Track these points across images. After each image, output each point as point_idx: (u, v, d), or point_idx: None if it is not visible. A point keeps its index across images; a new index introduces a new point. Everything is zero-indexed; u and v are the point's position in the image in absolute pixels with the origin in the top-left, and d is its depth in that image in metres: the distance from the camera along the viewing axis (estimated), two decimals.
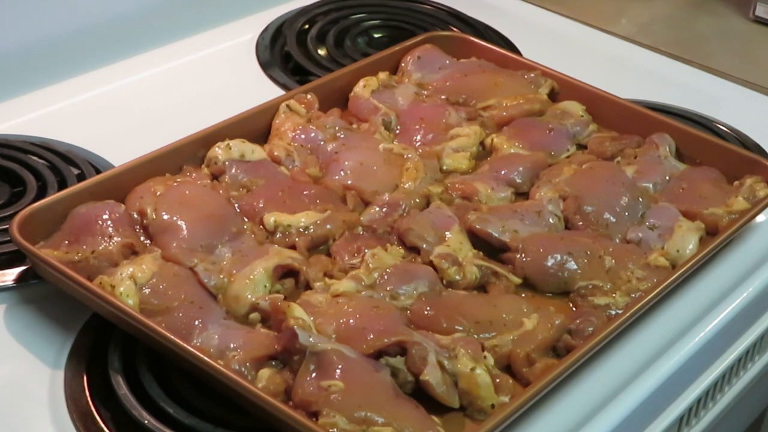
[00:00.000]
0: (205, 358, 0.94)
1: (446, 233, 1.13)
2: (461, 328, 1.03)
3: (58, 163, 1.25)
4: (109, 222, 1.09)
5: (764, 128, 1.43)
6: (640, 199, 1.22)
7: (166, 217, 1.10)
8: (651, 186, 1.24)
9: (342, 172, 1.21)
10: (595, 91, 1.37)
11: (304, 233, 1.12)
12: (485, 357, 0.99)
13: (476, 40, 1.48)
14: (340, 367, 0.94)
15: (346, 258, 1.10)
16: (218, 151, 1.20)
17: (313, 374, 0.94)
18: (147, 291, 1.02)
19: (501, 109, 1.36)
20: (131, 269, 1.03)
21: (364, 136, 1.28)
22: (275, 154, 1.23)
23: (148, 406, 0.96)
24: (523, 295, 1.11)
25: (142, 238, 1.10)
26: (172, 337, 0.95)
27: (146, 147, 1.18)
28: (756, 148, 1.39)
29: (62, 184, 1.21)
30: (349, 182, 1.20)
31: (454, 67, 1.42)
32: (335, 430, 0.90)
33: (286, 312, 0.98)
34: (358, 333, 0.99)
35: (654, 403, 1.06)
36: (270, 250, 1.09)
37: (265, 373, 0.96)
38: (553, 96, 1.40)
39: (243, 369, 0.96)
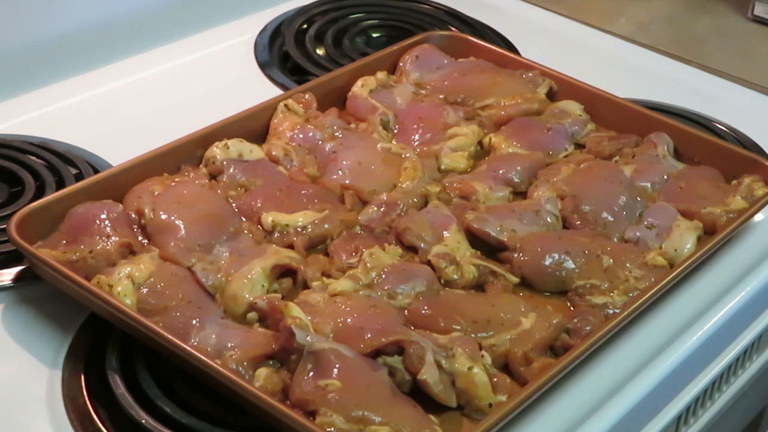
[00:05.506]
0: (203, 358, 0.94)
1: (444, 233, 1.13)
2: (459, 328, 1.03)
3: (57, 163, 1.25)
4: (106, 222, 1.09)
5: (762, 127, 1.43)
6: (638, 199, 1.22)
7: (163, 216, 1.10)
8: (649, 185, 1.24)
9: (340, 172, 1.21)
10: (594, 91, 1.37)
11: (302, 233, 1.12)
12: (483, 356, 0.99)
13: (474, 39, 1.48)
14: (337, 366, 0.94)
15: (344, 257, 1.10)
16: (216, 150, 1.20)
17: (311, 373, 0.94)
18: (145, 290, 1.02)
19: (499, 108, 1.36)
20: (129, 269, 1.03)
21: (362, 135, 1.28)
22: (273, 153, 1.23)
23: (145, 406, 0.96)
24: (521, 294, 1.11)
25: (139, 238, 1.10)
26: (169, 336, 0.95)
27: (144, 147, 1.19)
28: (754, 147, 1.39)
29: (60, 184, 1.21)
30: (347, 182, 1.20)
31: (453, 67, 1.42)
32: (332, 429, 0.90)
33: (284, 311, 0.98)
34: (356, 332, 0.99)
35: (652, 401, 1.06)
36: (268, 250, 1.09)
37: (262, 372, 0.96)
38: (552, 95, 1.40)
39: (240, 368, 0.96)
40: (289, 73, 1.49)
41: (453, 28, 1.59)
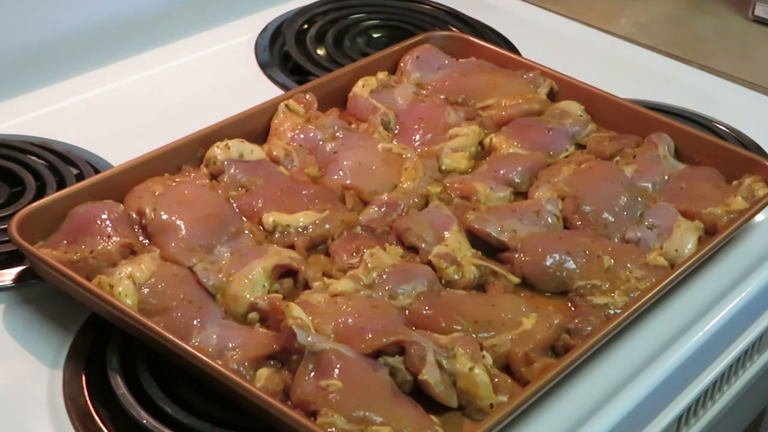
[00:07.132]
0: (204, 358, 0.94)
1: (445, 233, 1.13)
2: (460, 328, 1.03)
3: (57, 163, 1.25)
4: (107, 222, 1.09)
5: (763, 128, 1.43)
6: (639, 199, 1.22)
7: (164, 216, 1.10)
8: (650, 185, 1.24)
9: (341, 172, 1.21)
10: (594, 91, 1.37)
11: (303, 233, 1.12)
12: (484, 356, 0.99)
13: (475, 39, 1.48)
14: (338, 366, 0.94)
15: (345, 258, 1.10)
16: (217, 150, 1.20)
17: (312, 374, 0.94)
18: (146, 291, 1.02)
19: (500, 108, 1.36)
20: (130, 269, 1.03)
21: (363, 135, 1.28)
22: (274, 153, 1.23)
23: (146, 406, 0.96)
24: (522, 294, 1.11)
25: (140, 238, 1.10)
26: (170, 336, 0.95)
27: (145, 147, 1.19)
28: (755, 147, 1.39)
29: (61, 184, 1.21)
30: (348, 182, 1.20)
31: (453, 67, 1.42)
32: (333, 429, 0.90)
33: (285, 312, 0.98)
34: (357, 332, 0.99)
35: (653, 402, 1.06)
36: (269, 250, 1.09)
37: (263, 372, 0.96)
38: (552, 96, 1.40)
39: (241, 368, 0.96)
40: (290, 73, 1.49)
41: (453, 29, 1.60)
